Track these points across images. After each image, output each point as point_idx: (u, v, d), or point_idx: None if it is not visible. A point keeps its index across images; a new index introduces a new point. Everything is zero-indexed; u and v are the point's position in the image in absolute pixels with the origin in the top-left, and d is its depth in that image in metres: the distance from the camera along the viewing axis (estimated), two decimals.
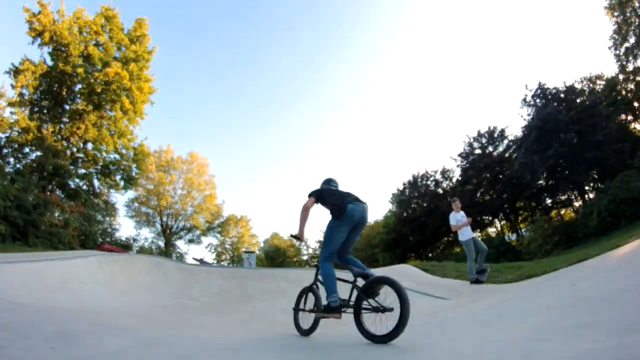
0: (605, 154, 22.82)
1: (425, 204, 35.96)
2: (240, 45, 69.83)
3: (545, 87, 26.97)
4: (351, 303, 3.68)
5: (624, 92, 25.72)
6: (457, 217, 9.13)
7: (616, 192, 19.61)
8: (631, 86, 25.17)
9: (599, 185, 25.03)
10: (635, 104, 25.40)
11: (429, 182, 37.54)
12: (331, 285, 3.77)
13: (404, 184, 39.28)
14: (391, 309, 3.28)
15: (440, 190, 36.61)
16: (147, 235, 39.58)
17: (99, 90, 22.70)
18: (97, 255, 8.24)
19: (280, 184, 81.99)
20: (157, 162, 37.22)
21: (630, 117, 25.98)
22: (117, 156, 26.77)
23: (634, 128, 25.80)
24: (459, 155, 33.35)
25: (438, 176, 37.30)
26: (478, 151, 32.54)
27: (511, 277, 9.11)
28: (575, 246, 20.54)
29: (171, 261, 9.72)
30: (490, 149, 32.12)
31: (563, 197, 29.40)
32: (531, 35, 64.29)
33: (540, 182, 27.79)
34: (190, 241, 41.91)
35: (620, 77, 25.59)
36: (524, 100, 28.01)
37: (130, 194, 37.19)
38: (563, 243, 23.03)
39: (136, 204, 37.95)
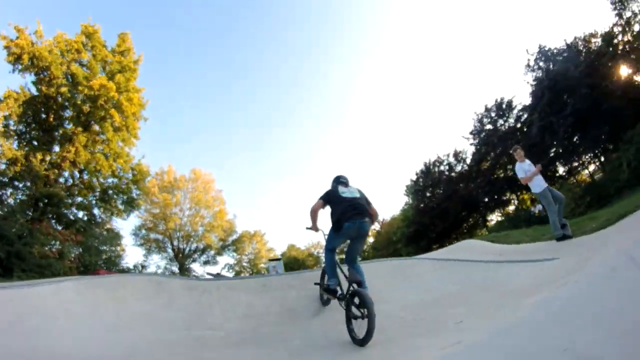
0: (621, 103, 20.74)
1: (441, 190, 33.69)
2: (231, 57, 66.77)
3: (547, 48, 24.84)
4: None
5: (620, 46, 23.18)
6: (524, 168, 7.63)
7: None
8: (628, 37, 22.65)
9: (609, 146, 22.83)
10: (633, 56, 22.81)
11: (442, 168, 35.07)
12: (330, 272, 4.28)
13: (416, 174, 36.75)
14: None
15: (454, 174, 34.18)
16: (159, 262, 36.85)
17: (86, 110, 20.41)
18: (74, 279, 5.77)
19: (289, 193, 78.84)
20: (159, 184, 34.76)
21: (630, 70, 23.34)
22: (115, 180, 24.45)
23: (636, 81, 23.27)
24: (471, 133, 30.93)
25: (451, 159, 34.70)
26: (489, 126, 30.13)
27: (597, 225, 7.65)
28: (609, 204, 18.54)
29: (177, 279, 7.14)
30: (501, 121, 29.69)
31: (576, 164, 27.48)
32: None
33: (553, 150, 25.79)
34: (206, 263, 39.13)
35: (616, 30, 23.05)
36: (528, 65, 25.83)
37: (136, 221, 34.86)
38: (595, 203, 20.86)
39: (144, 231, 35.31)
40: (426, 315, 4.20)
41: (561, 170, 28.31)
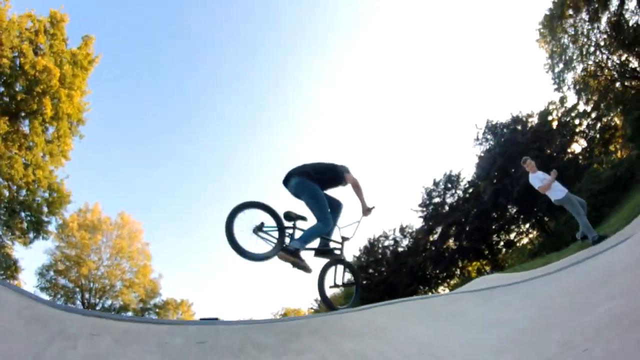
0: (564, 164, 22.48)
1: (383, 268, 32.26)
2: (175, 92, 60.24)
3: (494, 122, 26.89)
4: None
5: (555, 122, 25.87)
6: (539, 177, 7.32)
7: (590, 186, 19.37)
8: (561, 113, 25.58)
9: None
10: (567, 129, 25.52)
11: (387, 243, 33.95)
12: None
13: (360, 250, 34.92)
14: None
15: (401, 249, 33.15)
16: None
17: (19, 98, 16.73)
18: None
19: (223, 265, 70.39)
20: (80, 221, 28.82)
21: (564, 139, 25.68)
22: (27, 194, 19.49)
23: (573, 150, 25.72)
24: (419, 205, 30.81)
25: (397, 234, 33.89)
26: (437, 199, 30.44)
27: (610, 230, 7.89)
28: (566, 247, 18.88)
29: (14, 292, 2.21)
30: (449, 194, 30.25)
31: (513, 234, 28.43)
32: (462, 81, 65.85)
33: (497, 215, 26.32)
34: None
35: (551, 107, 26.01)
36: (476, 138, 27.62)
37: (45, 259, 27.85)
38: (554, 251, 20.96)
39: (52, 273, 27.96)
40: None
41: (501, 243, 28.81)
